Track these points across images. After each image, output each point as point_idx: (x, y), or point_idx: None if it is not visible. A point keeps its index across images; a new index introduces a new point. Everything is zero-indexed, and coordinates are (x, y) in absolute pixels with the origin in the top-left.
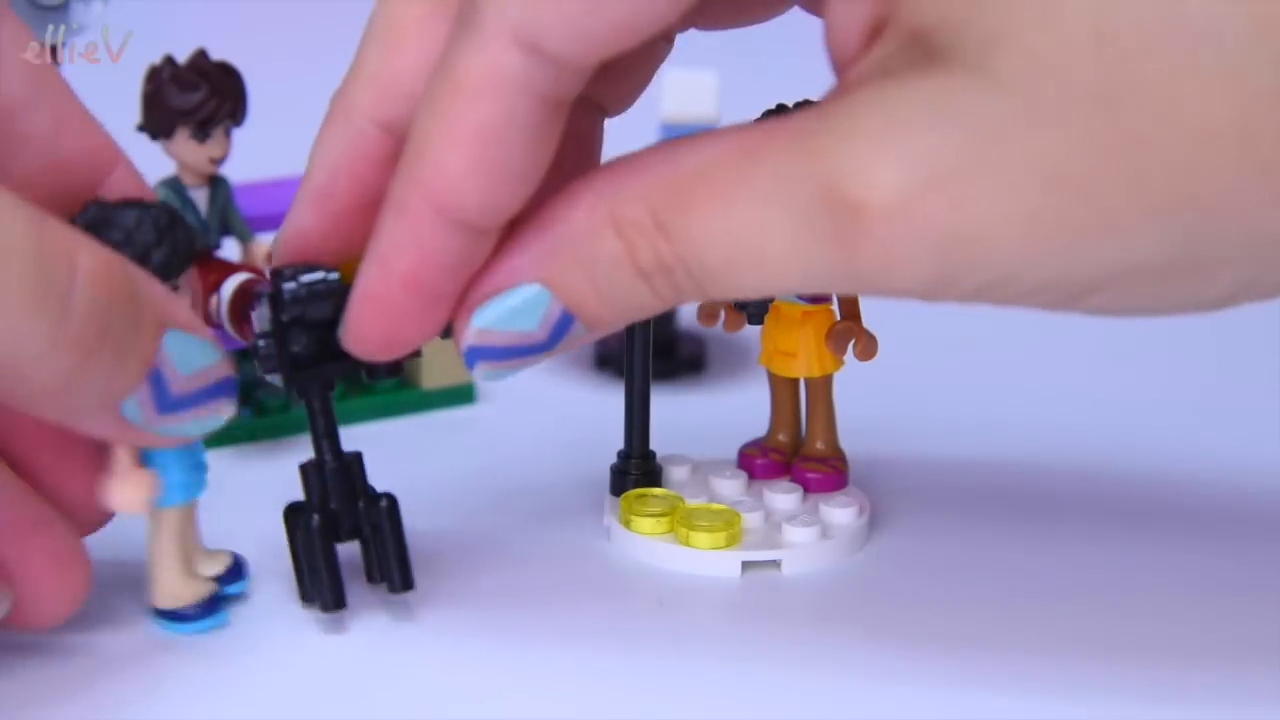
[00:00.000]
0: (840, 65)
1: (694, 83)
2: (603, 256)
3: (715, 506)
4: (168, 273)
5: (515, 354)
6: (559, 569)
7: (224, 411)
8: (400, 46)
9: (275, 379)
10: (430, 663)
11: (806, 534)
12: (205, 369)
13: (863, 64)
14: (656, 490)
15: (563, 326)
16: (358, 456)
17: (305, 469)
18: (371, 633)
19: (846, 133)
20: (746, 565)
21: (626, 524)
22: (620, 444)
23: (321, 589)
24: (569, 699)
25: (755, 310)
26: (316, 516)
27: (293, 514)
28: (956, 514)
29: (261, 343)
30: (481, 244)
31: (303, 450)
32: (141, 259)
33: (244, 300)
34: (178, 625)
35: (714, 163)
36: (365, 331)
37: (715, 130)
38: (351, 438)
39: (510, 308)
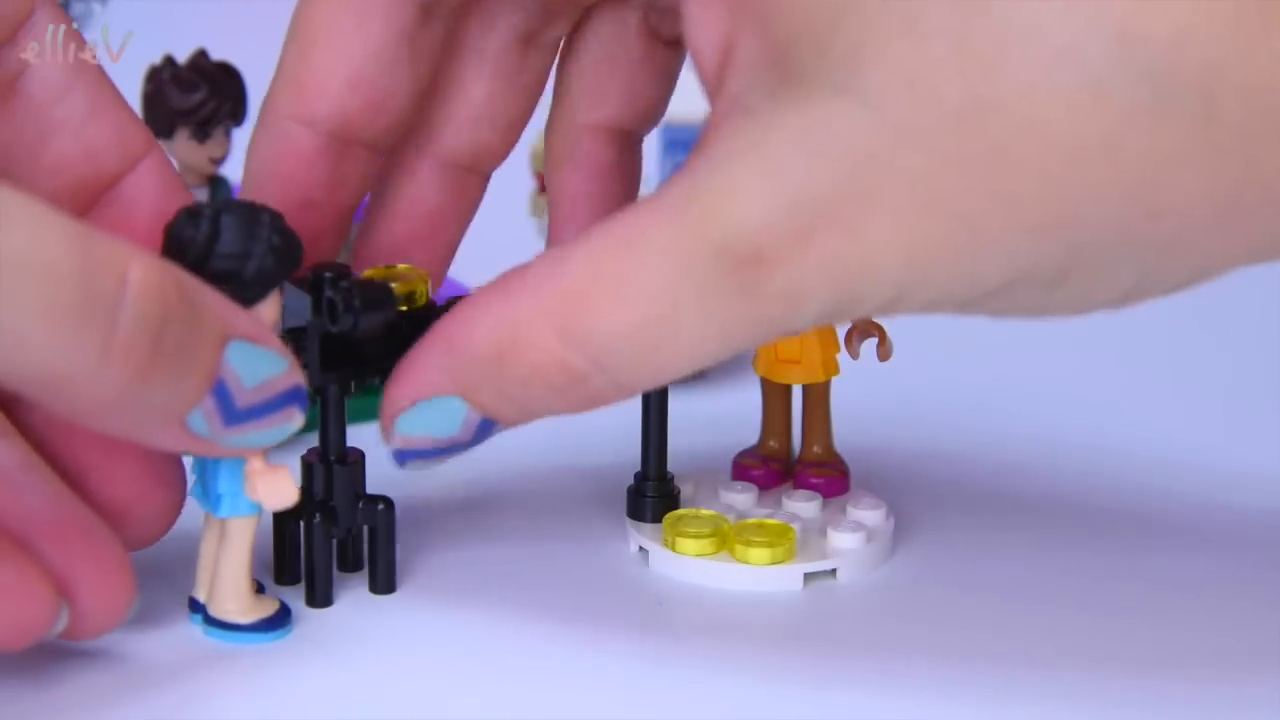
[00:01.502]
0: (708, 94)
1: (695, 83)
2: (512, 378)
3: (764, 521)
4: (266, 282)
5: (442, 452)
6: (566, 571)
7: (294, 420)
8: (314, 47)
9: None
10: (436, 672)
11: (855, 540)
12: (273, 379)
13: (723, 99)
14: (696, 511)
15: (485, 429)
16: (361, 456)
17: (309, 462)
18: (374, 640)
19: (724, 190)
20: (807, 577)
21: (672, 546)
22: (621, 442)
23: (313, 586)
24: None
25: None
26: (318, 514)
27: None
28: (952, 511)
29: (288, 338)
30: (352, 160)
31: (303, 450)
32: (236, 269)
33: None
34: (239, 636)
35: (601, 264)
36: None
37: (590, 231)
38: (351, 438)
39: (431, 416)
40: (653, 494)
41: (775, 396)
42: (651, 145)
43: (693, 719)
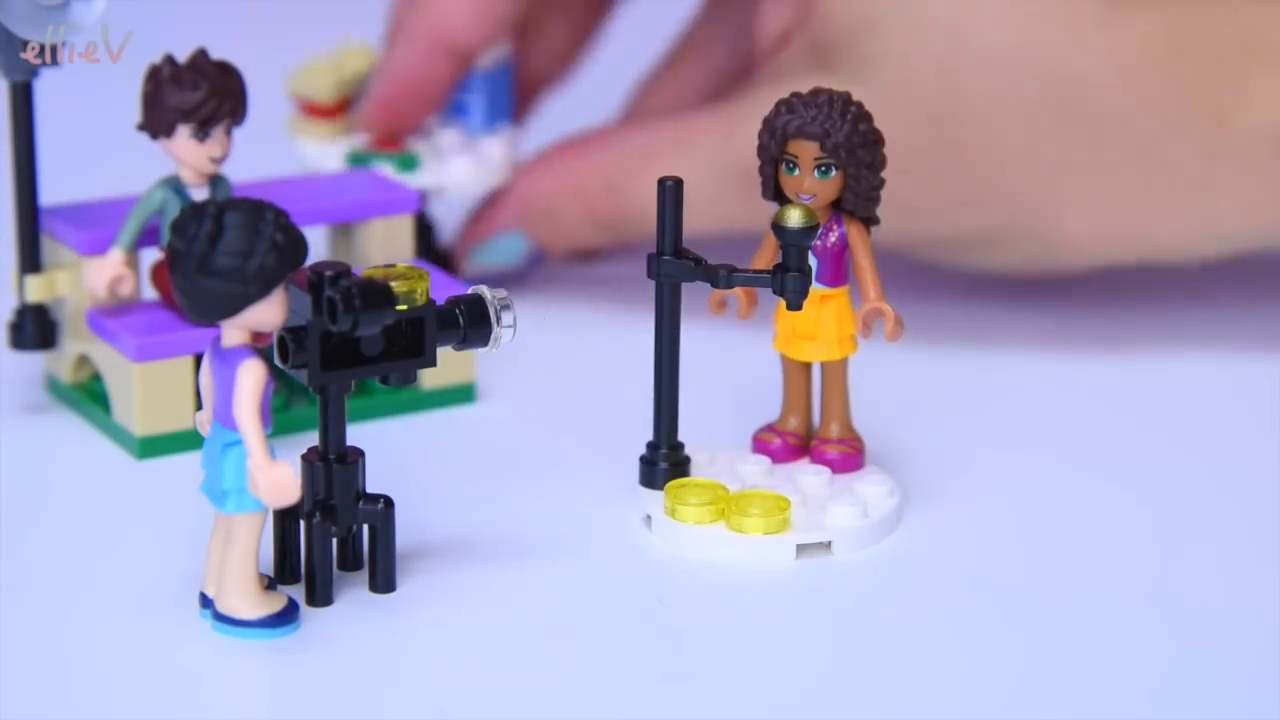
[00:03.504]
0: (756, 61)
1: None
2: (566, 214)
3: (763, 492)
4: (268, 279)
5: (505, 275)
6: (572, 541)
7: None
8: None
9: (300, 375)
10: (435, 672)
11: (851, 514)
12: None
13: (770, 69)
14: (700, 480)
15: (535, 259)
16: (361, 455)
17: (309, 461)
18: (374, 640)
19: (752, 120)
20: (799, 549)
21: (672, 514)
22: (622, 441)
23: (313, 585)
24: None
25: (794, 296)
26: (318, 513)
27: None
28: (966, 494)
29: (289, 337)
30: (462, 65)
31: (301, 449)
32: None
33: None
34: (246, 631)
35: (655, 146)
36: (378, 114)
37: (656, 118)
38: (351, 437)
39: (497, 248)
40: (665, 462)
41: (795, 374)
42: None
43: (677, 697)
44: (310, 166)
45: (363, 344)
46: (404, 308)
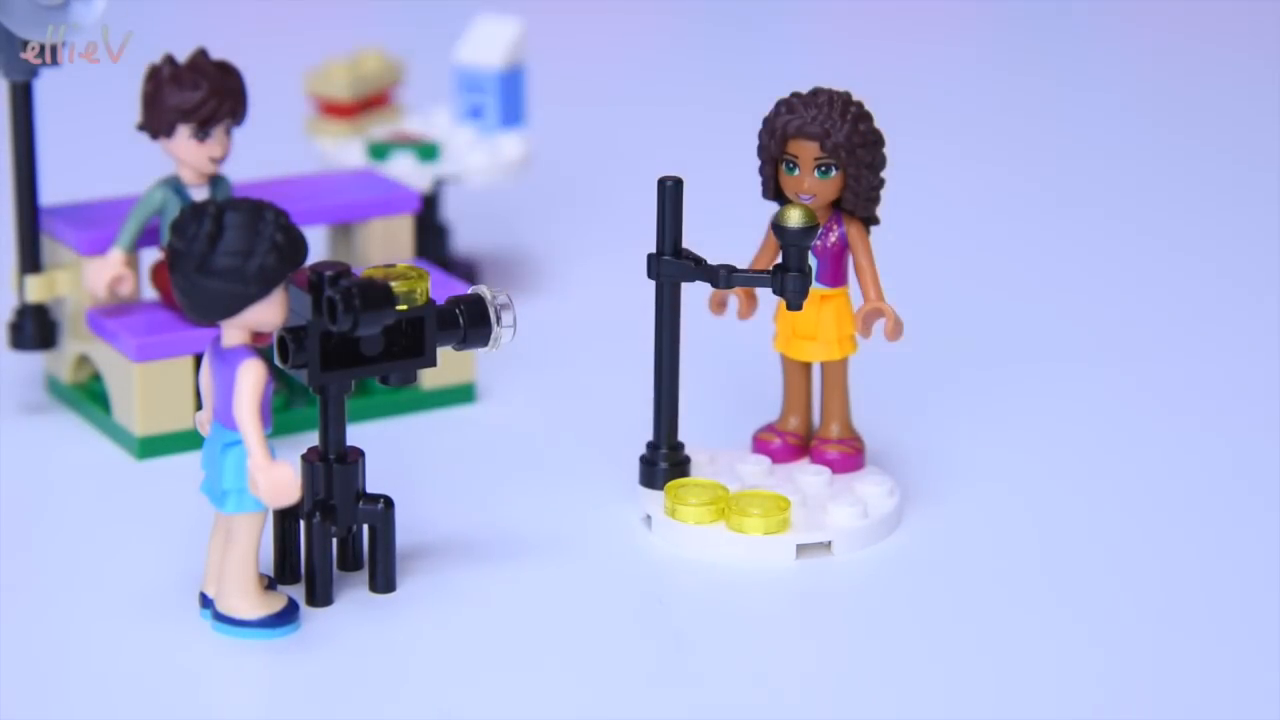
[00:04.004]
0: None
1: (495, 30)
2: None
3: (763, 492)
4: (268, 280)
5: None
6: (572, 542)
7: None
8: None
9: (300, 375)
10: (436, 672)
11: (851, 514)
12: None
13: None
14: (700, 480)
15: None
16: (361, 455)
17: (309, 461)
18: (374, 640)
19: None
20: (800, 549)
21: (672, 513)
22: (625, 440)
23: (313, 585)
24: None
25: (794, 296)
26: (318, 513)
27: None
28: (967, 494)
29: (289, 337)
30: None
31: (301, 449)
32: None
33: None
34: (246, 632)
35: None
36: None
37: None
38: (351, 437)
39: None
40: (665, 462)
41: (795, 373)
42: (445, 84)
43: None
44: (330, 163)
45: (363, 344)
46: (404, 308)
